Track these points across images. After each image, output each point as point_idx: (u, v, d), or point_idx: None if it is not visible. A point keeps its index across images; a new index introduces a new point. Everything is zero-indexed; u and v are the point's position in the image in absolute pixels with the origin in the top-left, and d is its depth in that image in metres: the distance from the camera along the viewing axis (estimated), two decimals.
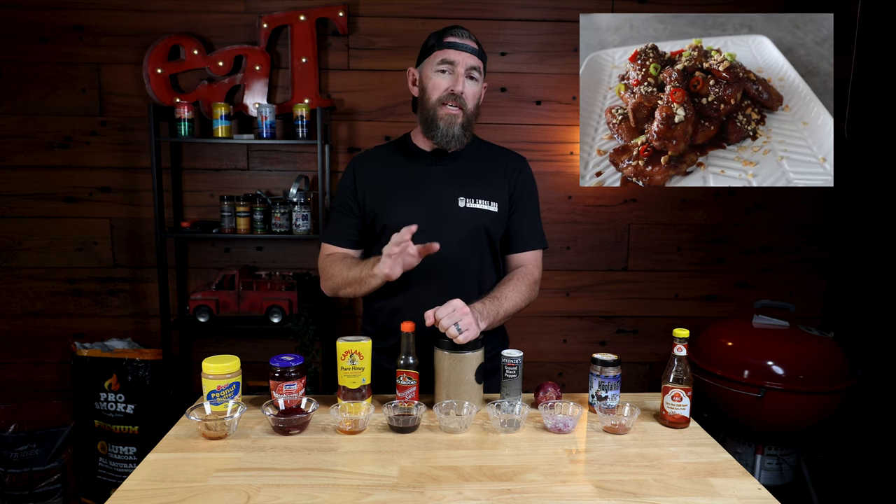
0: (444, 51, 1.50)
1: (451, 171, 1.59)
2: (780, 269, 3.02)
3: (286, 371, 1.35)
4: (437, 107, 1.51)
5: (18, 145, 2.73)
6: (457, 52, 1.50)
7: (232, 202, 2.65)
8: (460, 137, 1.53)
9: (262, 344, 2.90)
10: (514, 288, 1.57)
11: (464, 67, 1.50)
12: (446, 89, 1.50)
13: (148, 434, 2.65)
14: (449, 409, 1.36)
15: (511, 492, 1.09)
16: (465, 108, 1.51)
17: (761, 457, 2.46)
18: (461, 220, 1.54)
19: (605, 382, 1.40)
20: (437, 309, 1.39)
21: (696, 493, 1.10)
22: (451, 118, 1.51)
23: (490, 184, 1.59)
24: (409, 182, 1.58)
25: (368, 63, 2.78)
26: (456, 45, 1.50)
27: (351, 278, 1.53)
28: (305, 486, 1.10)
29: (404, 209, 1.54)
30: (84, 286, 2.84)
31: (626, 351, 3.02)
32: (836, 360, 2.34)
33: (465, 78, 1.51)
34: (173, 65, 2.67)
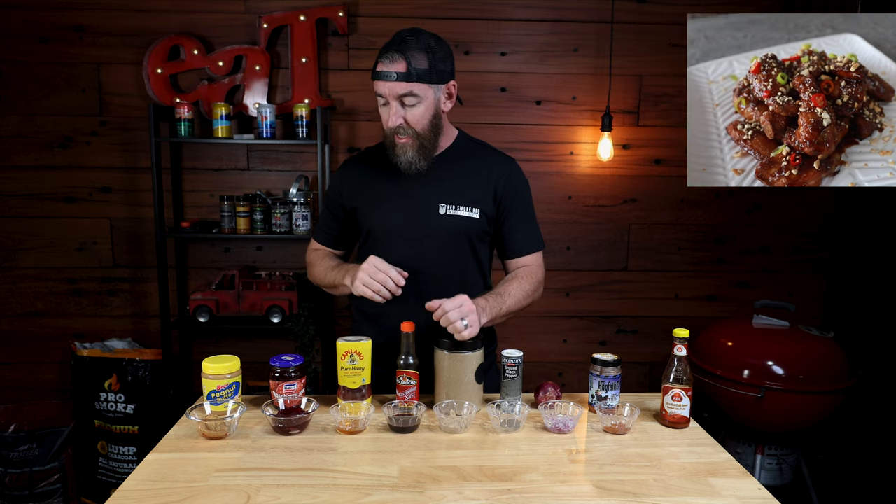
0: (375, 83, 1.46)
1: (433, 177, 1.55)
2: (780, 269, 3.02)
3: (286, 371, 1.35)
4: (391, 136, 1.49)
5: (18, 145, 2.73)
6: (383, 83, 1.43)
7: (232, 202, 2.65)
8: (419, 161, 1.50)
9: (262, 344, 2.90)
10: (517, 286, 1.56)
11: (393, 98, 1.44)
12: (387, 124, 1.48)
13: (148, 434, 2.65)
14: (449, 409, 1.36)
15: (511, 492, 1.09)
16: (410, 133, 1.47)
17: (761, 457, 2.46)
18: (442, 227, 1.53)
19: (605, 382, 1.40)
20: (445, 302, 1.38)
21: (696, 493, 1.10)
22: (403, 147, 1.49)
23: (473, 190, 1.56)
24: (392, 187, 1.56)
25: (368, 63, 2.77)
26: (381, 74, 1.43)
27: (327, 281, 1.60)
28: (305, 486, 1.10)
29: (386, 214, 1.55)
30: (84, 286, 2.84)
31: (626, 351, 3.02)
32: (836, 360, 2.34)
33: (399, 105, 1.45)
34: (173, 65, 2.67)
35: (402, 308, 1.48)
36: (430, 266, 1.53)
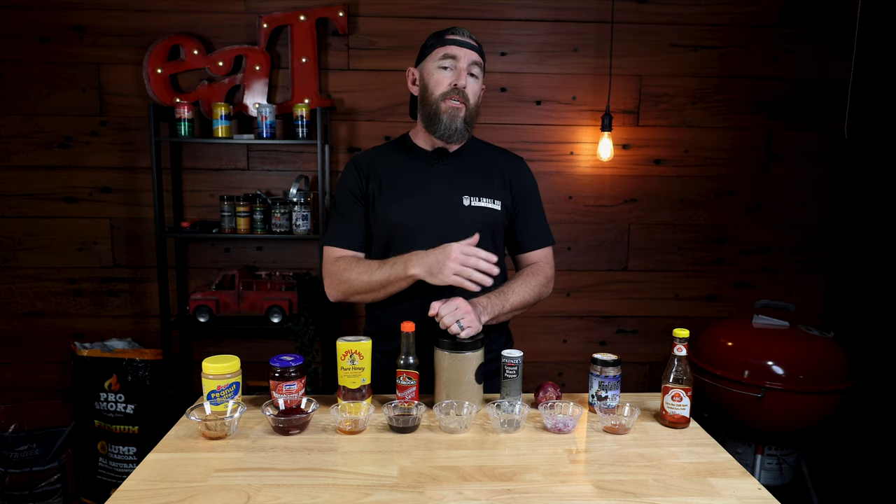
0: (447, 47, 1.51)
1: (452, 170, 1.59)
2: (780, 269, 3.02)
3: (286, 371, 1.35)
4: (441, 101, 1.51)
5: (18, 145, 2.73)
6: (459, 47, 1.51)
7: (232, 202, 2.65)
8: (462, 132, 1.53)
9: (262, 344, 2.90)
10: (522, 283, 1.57)
11: (466, 62, 1.51)
12: (450, 84, 1.51)
13: (148, 434, 2.65)
14: (449, 409, 1.36)
15: (511, 492, 1.09)
16: (467, 102, 1.52)
17: (761, 457, 2.46)
18: (467, 219, 1.54)
19: (605, 382, 1.40)
20: (441, 305, 1.39)
21: (696, 493, 1.10)
22: (454, 111, 1.51)
23: (492, 182, 1.60)
24: (412, 181, 1.57)
25: (368, 63, 2.78)
26: (458, 41, 1.51)
27: (375, 283, 1.48)
28: (305, 486, 1.10)
29: (411, 208, 1.54)
30: (84, 286, 2.84)
31: (626, 351, 3.02)
32: (836, 360, 2.34)
33: (467, 74, 1.51)
34: (173, 65, 2.67)
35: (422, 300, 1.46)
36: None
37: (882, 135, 2.71)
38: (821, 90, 2.89)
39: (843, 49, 2.86)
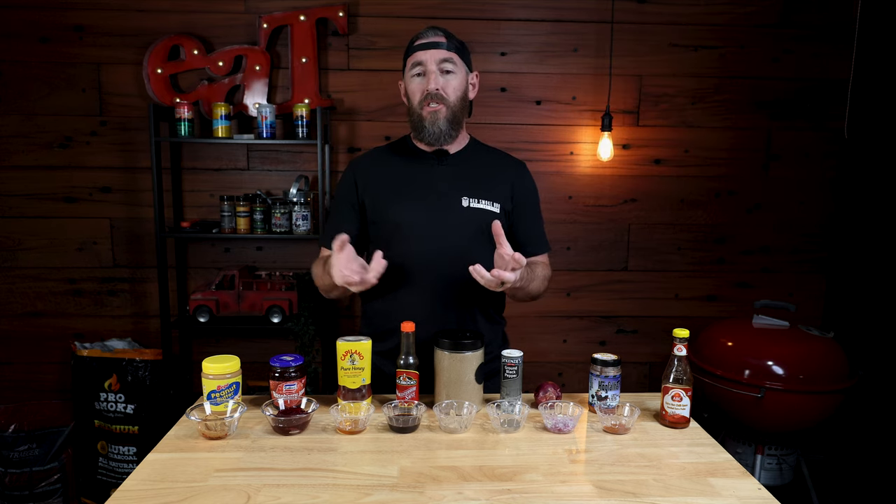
0: (414, 54, 1.53)
1: (453, 172, 1.59)
2: (780, 269, 3.02)
3: (286, 371, 1.35)
4: (420, 110, 1.53)
5: (18, 145, 2.73)
6: (424, 51, 1.51)
7: (232, 202, 2.65)
8: (448, 132, 1.53)
9: (262, 344, 2.90)
10: (540, 269, 1.58)
11: (434, 64, 1.51)
12: (423, 91, 1.52)
13: (148, 434, 2.65)
14: (449, 409, 1.36)
15: (511, 492, 1.09)
16: (446, 101, 1.51)
17: (761, 457, 2.46)
18: (466, 220, 1.54)
19: (605, 382, 1.40)
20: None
21: (696, 493, 1.10)
22: (433, 115, 1.51)
23: (492, 185, 1.59)
24: (412, 182, 1.57)
25: (368, 63, 2.78)
26: (423, 45, 1.52)
27: (328, 285, 1.51)
28: (305, 486, 1.10)
29: (411, 208, 1.54)
30: (84, 286, 2.84)
31: (626, 351, 3.02)
32: (836, 360, 2.34)
33: (438, 73, 1.51)
34: (173, 65, 2.67)
35: (424, 302, 1.47)
36: (456, 258, 1.50)
37: (882, 135, 2.71)
38: (821, 90, 2.89)
39: (843, 49, 2.86)
